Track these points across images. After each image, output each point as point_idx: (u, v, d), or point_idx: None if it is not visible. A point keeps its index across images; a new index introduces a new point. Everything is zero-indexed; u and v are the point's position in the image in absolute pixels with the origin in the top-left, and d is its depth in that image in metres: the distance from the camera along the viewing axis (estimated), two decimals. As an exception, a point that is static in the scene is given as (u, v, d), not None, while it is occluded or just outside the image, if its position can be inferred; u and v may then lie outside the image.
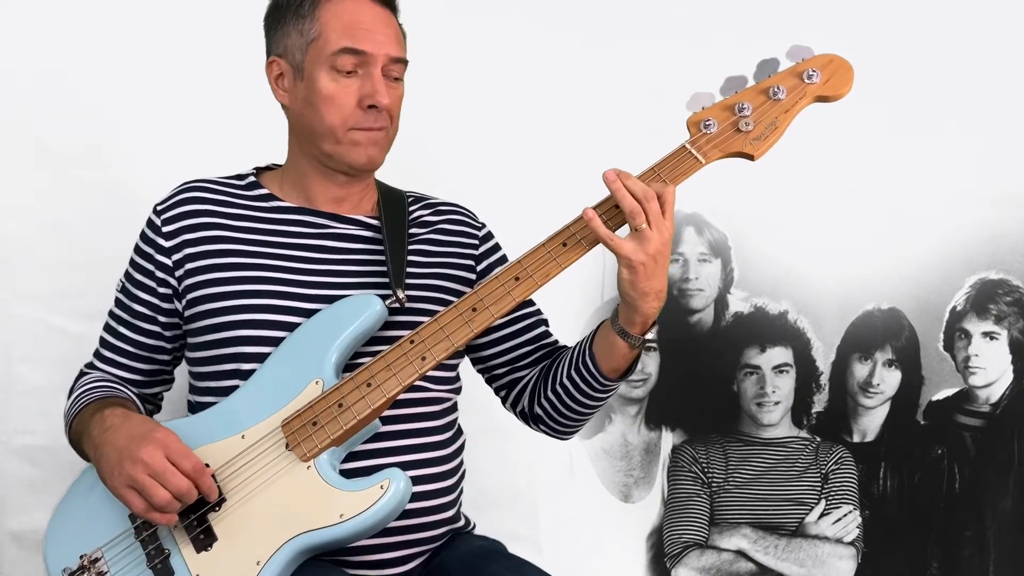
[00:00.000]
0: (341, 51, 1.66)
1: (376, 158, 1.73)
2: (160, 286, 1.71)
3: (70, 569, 1.55)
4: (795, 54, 1.65)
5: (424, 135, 2.08)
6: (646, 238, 1.51)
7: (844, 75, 1.64)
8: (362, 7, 1.70)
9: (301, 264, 1.70)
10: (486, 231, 1.89)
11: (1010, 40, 2.52)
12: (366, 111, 1.67)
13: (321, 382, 1.57)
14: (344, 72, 1.67)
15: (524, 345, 1.84)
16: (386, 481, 1.49)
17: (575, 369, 1.70)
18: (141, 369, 1.76)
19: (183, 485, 1.48)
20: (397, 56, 1.70)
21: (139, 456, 1.48)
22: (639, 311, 1.57)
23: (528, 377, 1.83)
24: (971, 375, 2.58)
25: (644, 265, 1.51)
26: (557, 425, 1.80)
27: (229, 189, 1.77)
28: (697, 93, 1.63)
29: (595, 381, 1.68)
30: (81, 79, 2.29)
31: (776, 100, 1.62)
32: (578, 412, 1.75)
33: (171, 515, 1.50)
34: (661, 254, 1.52)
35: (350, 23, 1.68)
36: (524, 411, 1.84)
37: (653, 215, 1.51)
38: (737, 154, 1.61)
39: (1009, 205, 2.55)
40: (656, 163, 1.59)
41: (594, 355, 1.67)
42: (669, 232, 1.53)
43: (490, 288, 1.58)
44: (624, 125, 2.43)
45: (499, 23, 2.46)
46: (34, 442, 2.26)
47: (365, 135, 1.69)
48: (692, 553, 2.58)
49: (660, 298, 1.57)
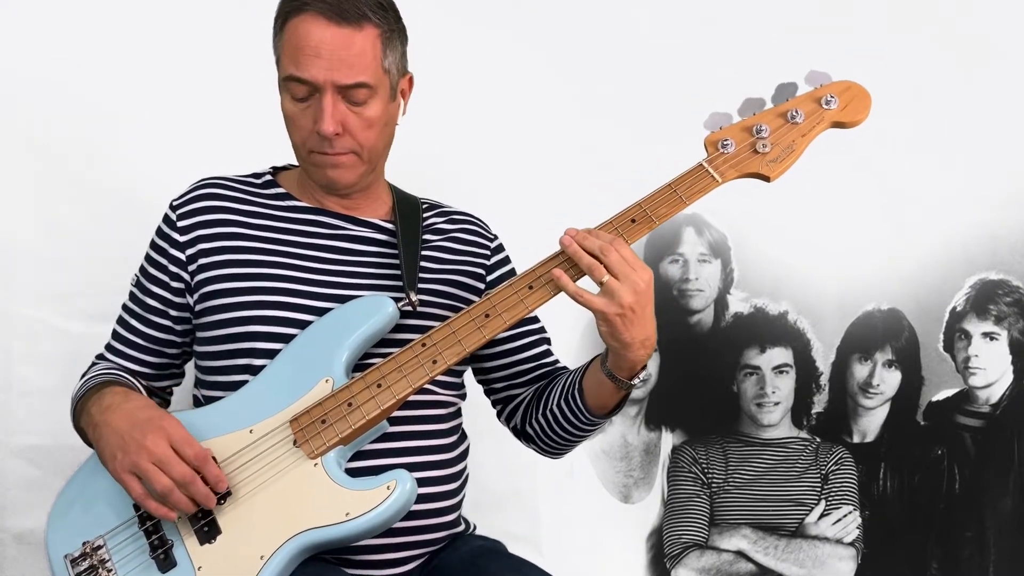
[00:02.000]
0: (288, 78, 1.63)
1: (340, 179, 1.69)
2: (173, 280, 1.71)
3: (72, 555, 1.55)
4: (813, 79, 1.67)
5: (434, 145, 2.09)
6: (613, 290, 1.49)
7: (862, 102, 1.66)
8: (313, 29, 1.59)
9: (315, 263, 1.70)
10: (498, 243, 1.90)
11: (1010, 40, 2.53)
12: (320, 136, 1.64)
13: (331, 381, 1.57)
14: (298, 98, 1.64)
15: (524, 362, 1.84)
16: (393, 482, 1.49)
17: (564, 400, 1.71)
18: (151, 362, 1.76)
19: (186, 473, 1.48)
20: (346, 83, 1.60)
21: (143, 442, 1.48)
22: (625, 359, 1.56)
23: (523, 396, 1.84)
24: (971, 376, 2.58)
25: (621, 317, 1.50)
26: (546, 447, 1.81)
27: (245, 187, 1.77)
28: (715, 112, 1.65)
29: (582, 415, 1.68)
30: (82, 80, 2.28)
31: (794, 123, 1.64)
32: (565, 439, 1.76)
33: (168, 510, 1.49)
34: (638, 304, 1.50)
35: (296, 48, 1.60)
36: (516, 428, 1.85)
37: (615, 266, 1.50)
38: (753, 175, 1.63)
39: (1009, 205, 2.56)
40: (673, 180, 1.60)
41: (583, 390, 1.67)
42: (644, 281, 1.50)
43: (503, 295, 1.58)
44: (635, 135, 2.45)
45: (508, 35, 2.46)
46: (34, 442, 2.25)
47: (322, 159, 1.67)
48: (692, 554, 2.58)
49: (647, 346, 1.55)
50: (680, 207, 1.59)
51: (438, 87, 2.03)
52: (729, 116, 1.65)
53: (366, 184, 1.76)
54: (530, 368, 1.84)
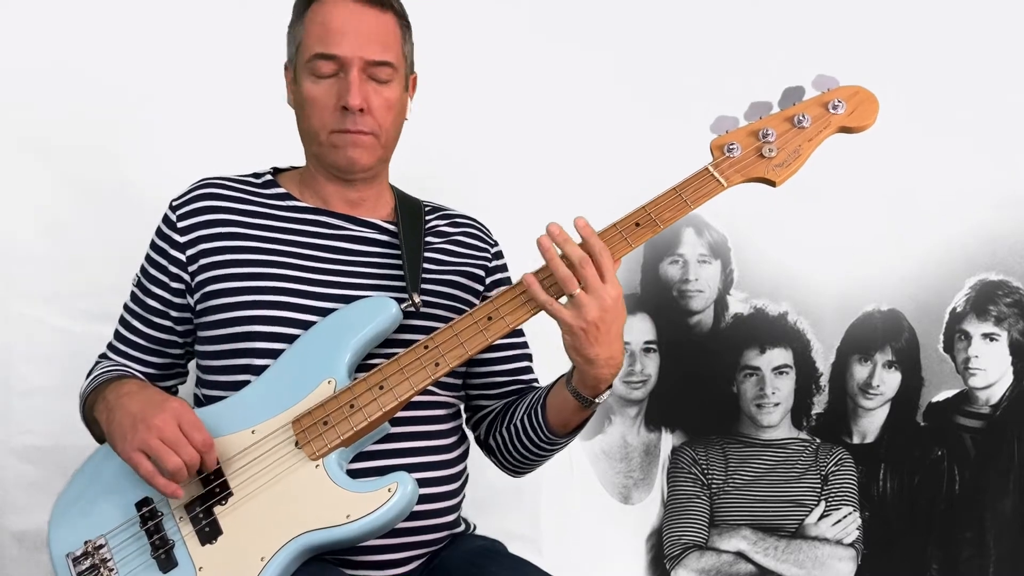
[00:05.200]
0: (315, 57, 1.66)
1: (359, 160, 1.71)
2: (173, 281, 1.71)
3: (74, 554, 1.55)
4: (820, 84, 1.65)
5: (433, 145, 2.09)
6: (581, 304, 1.48)
7: (869, 107, 1.65)
8: (341, 8, 1.67)
9: (317, 264, 1.70)
10: (497, 249, 1.90)
11: (1009, 41, 2.53)
12: (343, 113, 1.66)
13: (334, 382, 1.57)
14: (323, 76, 1.67)
15: (500, 375, 1.84)
16: (394, 484, 1.49)
17: (527, 415, 1.70)
18: (153, 363, 1.77)
19: (194, 456, 1.49)
20: (374, 59, 1.67)
21: (153, 422, 1.49)
22: (588, 376, 1.56)
23: (492, 408, 1.84)
24: (971, 376, 2.58)
25: (585, 332, 1.49)
26: (505, 462, 1.80)
27: (245, 187, 1.77)
28: (721, 116, 1.64)
29: (541, 431, 1.68)
30: (82, 79, 2.28)
31: (801, 128, 1.63)
32: (524, 456, 1.75)
33: (176, 487, 1.49)
34: (603, 321, 1.49)
35: (324, 27, 1.66)
36: (480, 439, 1.85)
37: (588, 281, 1.49)
38: (759, 179, 1.62)
39: (1009, 206, 2.55)
40: (678, 184, 1.60)
41: (546, 406, 1.67)
42: (612, 297, 1.49)
43: (506, 298, 1.58)
44: (641, 138, 2.45)
45: (511, 33, 2.47)
46: (34, 442, 2.25)
47: (342, 137, 1.68)
48: (692, 554, 2.58)
49: (611, 365, 1.54)
50: (685, 211, 1.58)
51: (439, 88, 2.03)
52: (735, 120, 1.64)
53: (376, 174, 1.77)
54: (505, 381, 1.84)
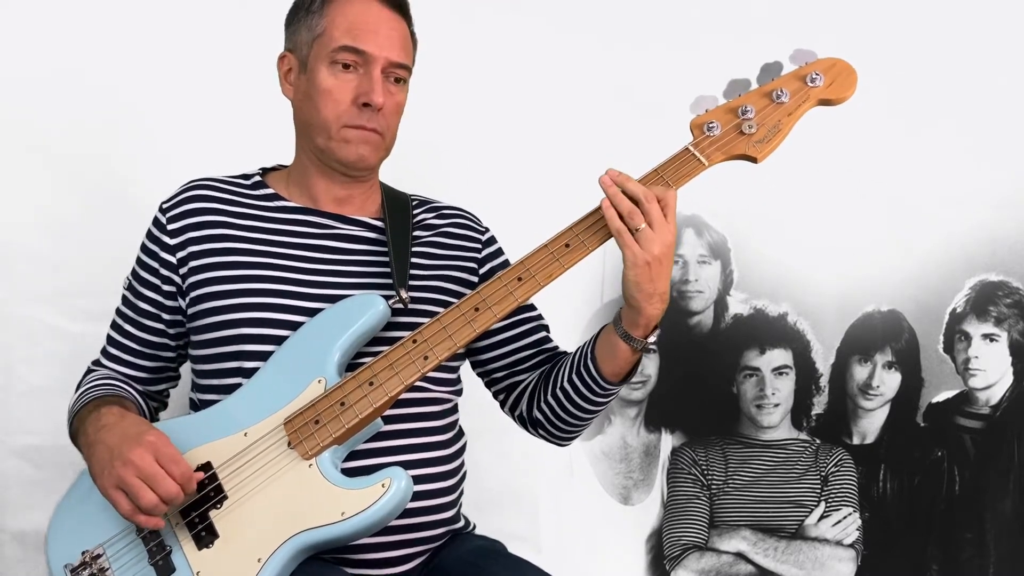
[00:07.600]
0: (341, 48, 1.68)
1: (367, 158, 1.72)
2: (164, 284, 1.71)
3: (72, 565, 1.56)
4: (798, 58, 1.65)
5: (429, 139, 2.09)
6: (647, 238, 1.51)
7: (848, 79, 1.65)
8: (369, 8, 1.70)
9: (305, 263, 1.70)
10: (489, 235, 1.90)
11: (1009, 41, 2.53)
12: (360, 109, 1.68)
13: (324, 381, 1.57)
14: (343, 68, 1.68)
15: (524, 349, 1.84)
16: (387, 480, 1.49)
17: (576, 373, 1.70)
18: (146, 367, 1.77)
19: (172, 490, 1.48)
20: (398, 61, 1.70)
21: (129, 458, 1.48)
22: (643, 313, 1.57)
23: (527, 381, 1.83)
24: (971, 377, 2.58)
25: (649, 265, 1.52)
26: (555, 430, 1.80)
27: (234, 188, 1.78)
28: (700, 96, 1.64)
29: (596, 385, 1.68)
30: (82, 80, 2.29)
31: (779, 103, 1.63)
32: (577, 417, 1.75)
33: (157, 519, 1.49)
34: (666, 256, 1.53)
35: (354, 22, 1.69)
36: (523, 415, 1.84)
37: (654, 217, 1.52)
38: (740, 156, 1.62)
39: (1009, 206, 2.55)
40: (659, 165, 1.60)
41: (596, 358, 1.67)
42: (671, 235, 1.53)
43: (493, 288, 1.58)
44: (627, 128, 2.44)
45: (505, 27, 2.47)
46: (34, 442, 2.26)
47: (356, 133, 1.69)
48: (691, 555, 2.57)
49: (664, 300, 1.57)
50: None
51: (438, 83, 2.04)
52: (714, 99, 1.64)
53: (372, 175, 1.80)
54: (532, 355, 1.84)
